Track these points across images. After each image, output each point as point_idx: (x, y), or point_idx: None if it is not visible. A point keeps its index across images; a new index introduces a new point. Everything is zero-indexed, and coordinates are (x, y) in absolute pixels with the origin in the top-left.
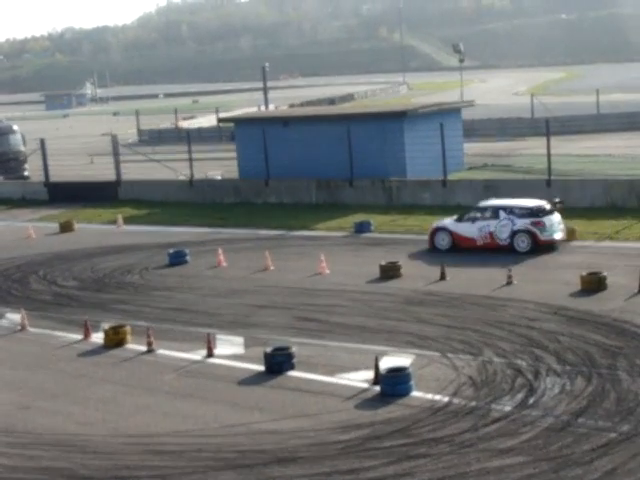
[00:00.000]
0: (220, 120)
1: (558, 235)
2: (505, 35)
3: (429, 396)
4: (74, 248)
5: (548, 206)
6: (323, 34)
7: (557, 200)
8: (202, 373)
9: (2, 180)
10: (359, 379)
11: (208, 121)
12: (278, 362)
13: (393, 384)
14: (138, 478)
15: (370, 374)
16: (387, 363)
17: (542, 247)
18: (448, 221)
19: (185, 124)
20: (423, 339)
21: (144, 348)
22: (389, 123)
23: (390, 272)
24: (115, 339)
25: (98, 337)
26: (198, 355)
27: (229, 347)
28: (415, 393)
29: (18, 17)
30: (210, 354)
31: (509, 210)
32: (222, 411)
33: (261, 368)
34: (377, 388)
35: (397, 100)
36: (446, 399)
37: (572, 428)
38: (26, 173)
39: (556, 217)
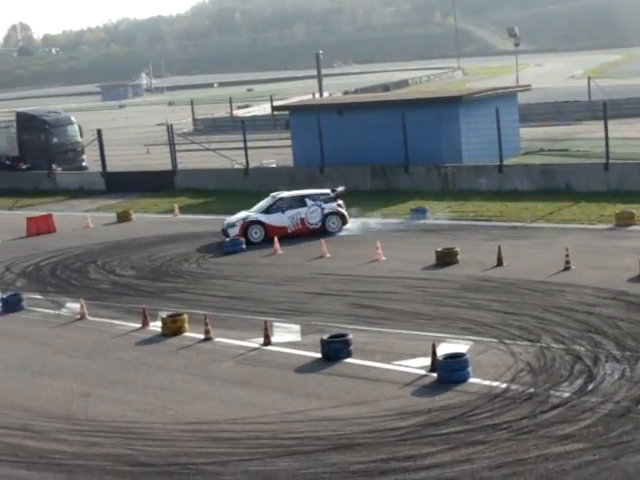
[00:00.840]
0: (274, 108)
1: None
2: (561, 18)
3: (487, 383)
4: (132, 237)
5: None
6: (377, 20)
7: (339, 189)
8: (259, 361)
9: (60, 171)
10: (416, 366)
11: (263, 109)
12: (335, 349)
13: (450, 371)
14: (197, 465)
15: (427, 361)
16: (444, 350)
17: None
18: (256, 215)
19: (240, 113)
20: (480, 325)
21: (202, 336)
22: (444, 108)
23: (446, 258)
24: (173, 327)
25: (156, 326)
26: (255, 343)
27: (286, 335)
28: (473, 380)
29: (74, 9)
30: (267, 342)
31: (314, 197)
32: (279, 398)
33: (318, 355)
34: (434, 375)
35: (452, 85)
36: (504, 385)
37: (632, 414)
38: (84, 164)
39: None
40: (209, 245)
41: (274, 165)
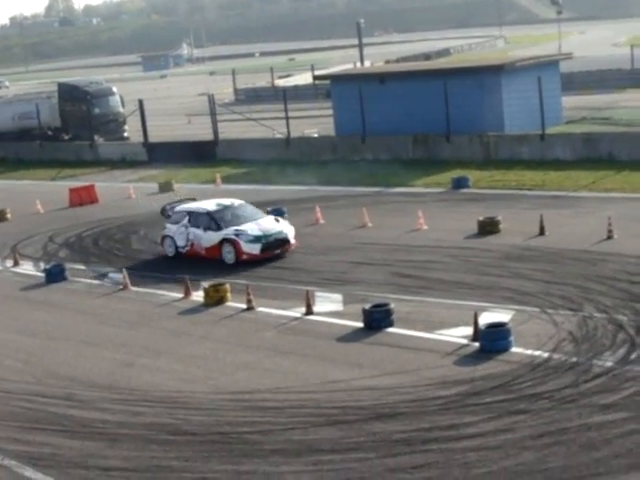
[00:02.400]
0: (316, 78)
1: None
2: None
3: (529, 352)
4: None
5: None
6: None
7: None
8: (301, 330)
9: (102, 141)
10: (458, 335)
11: (304, 79)
12: (377, 319)
13: (492, 340)
14: (240, 434)
15: (469, 330)
16: (486, 319)
17: None
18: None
19: (281, 82)
20: (522, 295)
21: (244, 306)
22: (486, 77)
23: (488, 227)
24: (215, 297)
25: (198, 295)
26: (297, 312)
27: (328, 304)
28: (515, 349)
29: None
30: (309, 311)
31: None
32: (322, 368)
33: (360, 325)
34: (476, 344)
35: (494, 54)
36: (546, 355)
37: None
38: (125, 134)
39: None
40: None
41: (316, 135)
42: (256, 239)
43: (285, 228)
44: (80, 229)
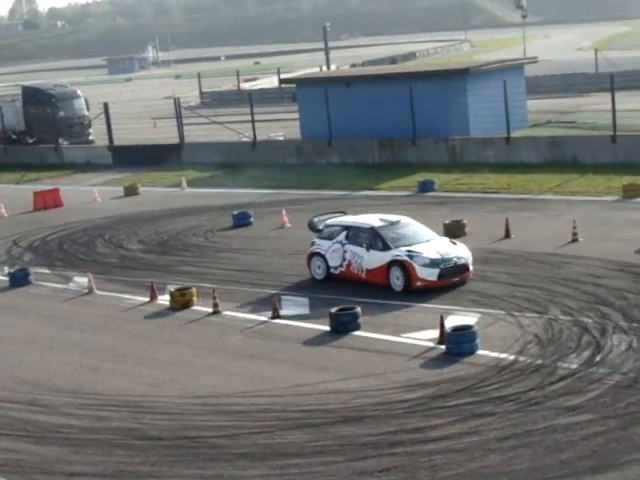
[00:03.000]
0: (282, 81)
1: None
2: None
3: (495, 354)
4: (139, 211)
5: None
6: None
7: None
8: (268, 334)
9: (67, 145)
10: (424, 338)
11: (270, 82)
12: (343, 322)
13: (459, 343)
14: (206, 438)
15: (435, 333)
16: (452, 322)
17: None
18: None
19: (247, 86)
20: (488, 297)
21: (210, 310)
22: (452, 81)
23: (454, 230)
24: (181, 301)
25: (164, 299)
26: (264, 316)
27: (294, 308)
28: (481, 352)
29: None
30: (276, 315)
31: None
32: (288, 371)
33: (326, 328)
34: (442, 347)
35: (460, 58)
36: (512, 357)
37: (639, 385)
38: (90, 137)
39: None
40: (217, 218)
41: (282, 138)
42: (433, 263)
43: (463, 252)
44: (45, 233)
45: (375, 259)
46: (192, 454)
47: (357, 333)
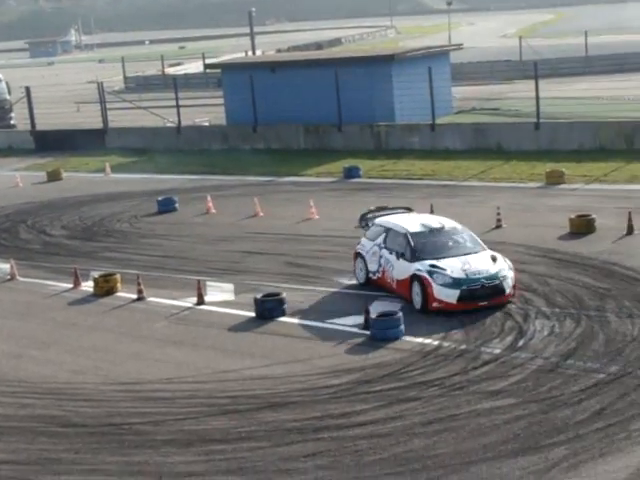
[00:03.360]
0: (207, 66)
1: None
2: None
3: (419, 340)
4: (62, 197)
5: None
6: None
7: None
8: (193, 320)
9: None
10: (349, 324)
11: (195, 67)
12: (269, 308)
13: (383, 328)
14: (131, 425)
15: (360, 319)
16: (377, 308)
17: None
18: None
19: (172, 70)
20: None
21: (134, 296)
22: (377, 67)
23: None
24: (105, 287)
25: (88, 286)
26: (189, 302)
27: (219, 294)
28: (405, 337)
29: None
30: (200, 301)
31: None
32: (213, 357)
33: (252, 314)
34: (367, 333)
35: (385, 44)
36: (436, 343)
37: (561, 369)
38: (12, 122)
39: None
40: (141, 204)
41: (207, 124)
42: (455, 283)
43: (502, 271)
44: None
45: (402, 270)
46: (117, 441)
47: (282, 319)
